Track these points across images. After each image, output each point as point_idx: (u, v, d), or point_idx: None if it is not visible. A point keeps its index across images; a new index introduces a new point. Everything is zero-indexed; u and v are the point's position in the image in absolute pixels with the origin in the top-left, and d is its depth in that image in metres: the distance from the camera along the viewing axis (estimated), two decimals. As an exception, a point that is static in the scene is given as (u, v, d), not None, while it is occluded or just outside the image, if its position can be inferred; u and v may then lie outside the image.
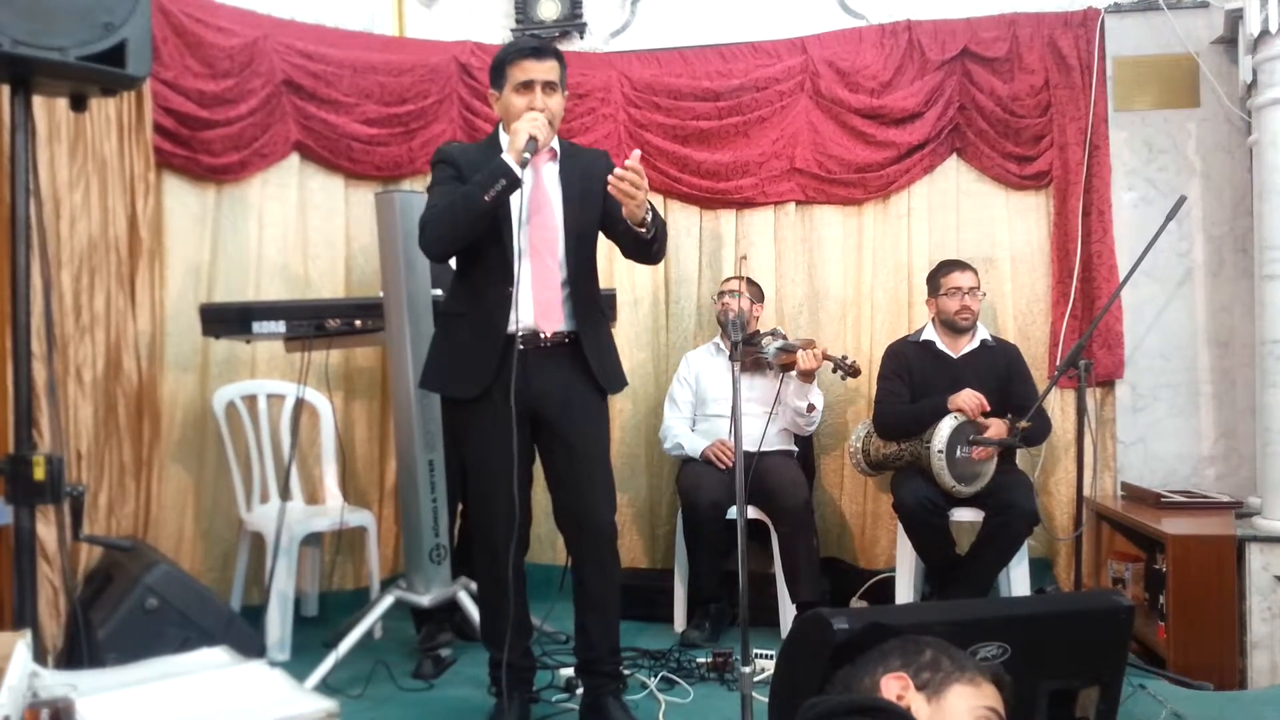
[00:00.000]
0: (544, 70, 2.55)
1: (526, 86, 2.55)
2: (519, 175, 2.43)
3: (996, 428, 3.40)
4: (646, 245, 2.58)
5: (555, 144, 2.66)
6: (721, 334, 3.85)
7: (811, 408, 3.67)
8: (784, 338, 3.73)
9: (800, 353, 3.54)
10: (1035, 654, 1.96)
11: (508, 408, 2.49)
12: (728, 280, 3.96)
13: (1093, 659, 2.04)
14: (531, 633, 2.82)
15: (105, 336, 3.30)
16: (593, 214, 2.65)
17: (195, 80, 3.64)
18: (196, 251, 3.75)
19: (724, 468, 3.63)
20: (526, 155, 2.42)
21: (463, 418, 2.68)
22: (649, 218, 2.49)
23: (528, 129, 2.44)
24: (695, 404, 3.90)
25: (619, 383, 2.73)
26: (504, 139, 2.59)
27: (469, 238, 2.53)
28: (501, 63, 2.60)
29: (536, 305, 2.57)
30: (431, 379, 2.70)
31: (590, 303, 2.66)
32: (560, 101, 2.60)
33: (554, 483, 2.72)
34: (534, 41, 2.65)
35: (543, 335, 2.58)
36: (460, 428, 2.72)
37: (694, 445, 3.77)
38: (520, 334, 2.55)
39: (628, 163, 2.39)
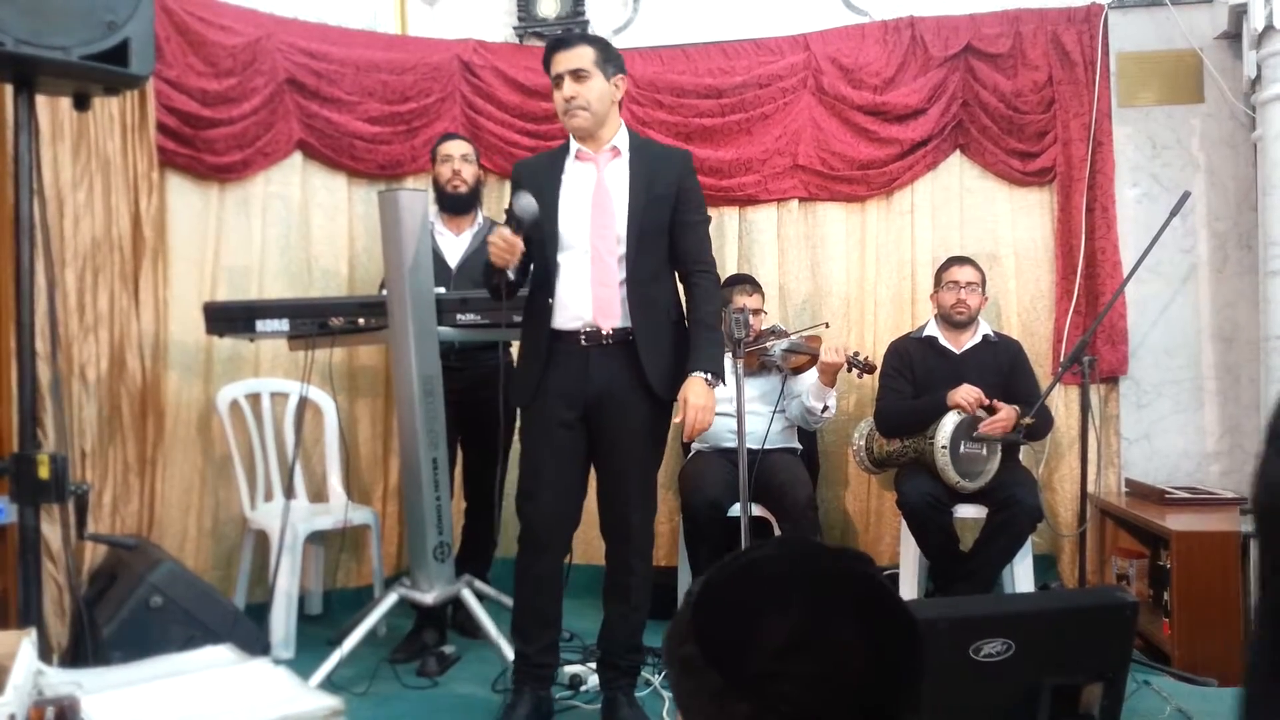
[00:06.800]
0: (569, 60, 2.60)
1: (557, 82, 2.63)
2: (510, 278, 2.63)
3: (1007, 413, 3.39)
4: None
5: (621, 140, 2.69)
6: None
7: (826, 408, 3.64)
8: (785, 334, 3.69)
9: (825, 349, 3.47)
10: (1039, 650, 1.96)
11: (560, 407, 2.62)
12: (736, 289, 3.76)
13: (1097, 655, 2.04)
14: (557, 630, 2.80)
15: (109, 335, 3.30)
16: (657, 216, 2.64)
17: (198, 79, 3.65)
18: (200, 250, 3.75)
19: None
20: (510, 276, 2.61)
21: (524, 418, 2.75)
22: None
23: (495, 261, 2.59)
24: None
25: (673, 388, 2.62)
26: (571, 143, 2.70)
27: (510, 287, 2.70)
28: (546, 66, 2.67)
29: (595, 302, 2.60)
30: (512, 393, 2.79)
31: (651, 304, 2.64)
32: (597, 86, 2.61)
33: (598, 483, 2.77)
34: (560, 35, 2.71)
35: (604, 332, 2.61)
36: (523, 427, 2.77)
37: None
38: (584, 331, 2.61)
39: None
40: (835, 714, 0.79)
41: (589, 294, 2.60)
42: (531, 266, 2.72)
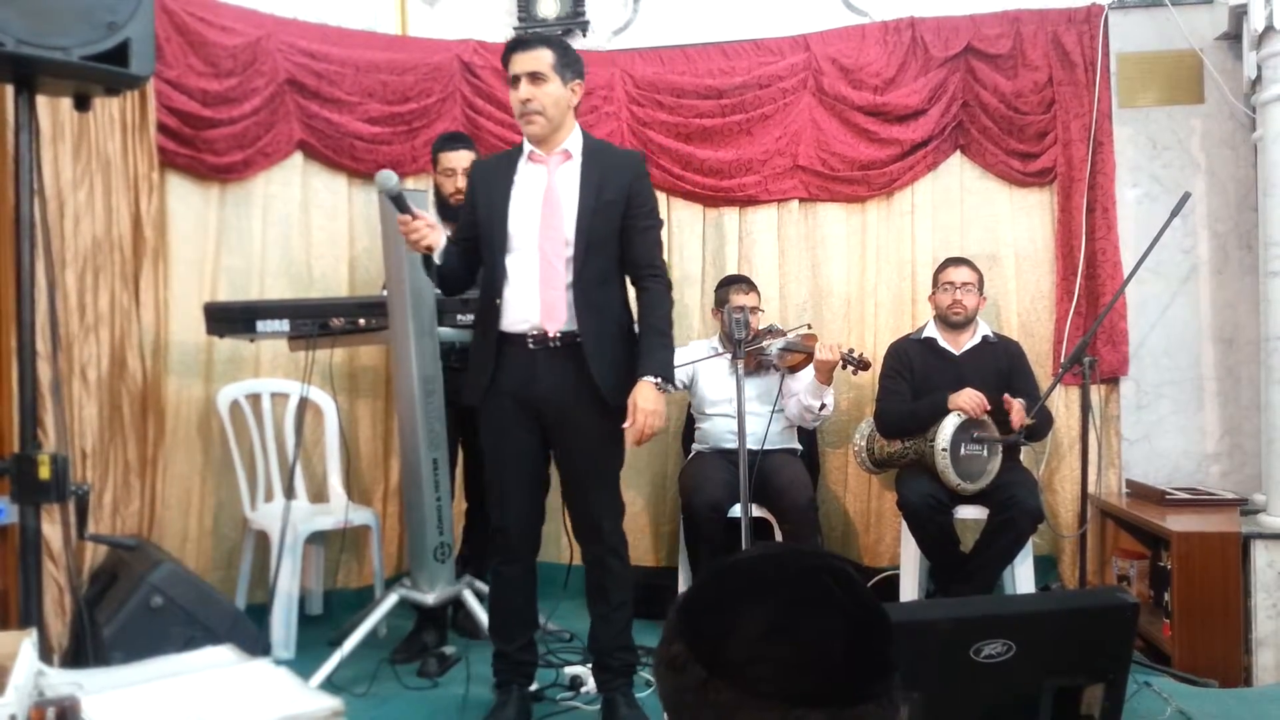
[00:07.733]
0: (526, 61, 2.60)
1: (514, 82, 2.63)
2: (434, 259, 2.65)
3: (1018, 412, 3.37)
4: None
5: (573, 144, 2.68)
6: (721, 338, 3.81)
7: (823, 406, 3.63)
8: (782, 333, 3.69)
9: (819, 347, 3.48)
10: (1040, 651, 1.96)
11: (512, 408, 2.62)
12: (733, 288, 3.78)
13: (1097, 656, 2.04)
14: (536, 628, 2.86)
15: (110, 335, 3.30)
16: (607, 221, 2.63)
17: (198, 79, 3.65)
18: (200, 250, 3.75)
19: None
20: (436, 260, 2.64)
21: (479, 421, 2.74)
22: None
23: (413, 249, 2.66)
24: (693, 403, 3.89)
25: (622, 393, 2.57)
26: (525, 144, 2.71)
27: (442, 275, 2.72)
28: (504, 64, 2.67)
29: (542, 305, 2.60)
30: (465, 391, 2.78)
31: (598, 308, 2.63)
32: (553, 90, 2.61)
33: (562, 486, 2.77)
34: (520, 35, 2.71)
35: (550, 335, 2.60)
36: (480, 430, 2.76)
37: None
38: (530, 334, 2.61)
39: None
40: (811, 694, 0.83)
41: (536, 297, 2.60)
42: (469, 257, 2.74)
